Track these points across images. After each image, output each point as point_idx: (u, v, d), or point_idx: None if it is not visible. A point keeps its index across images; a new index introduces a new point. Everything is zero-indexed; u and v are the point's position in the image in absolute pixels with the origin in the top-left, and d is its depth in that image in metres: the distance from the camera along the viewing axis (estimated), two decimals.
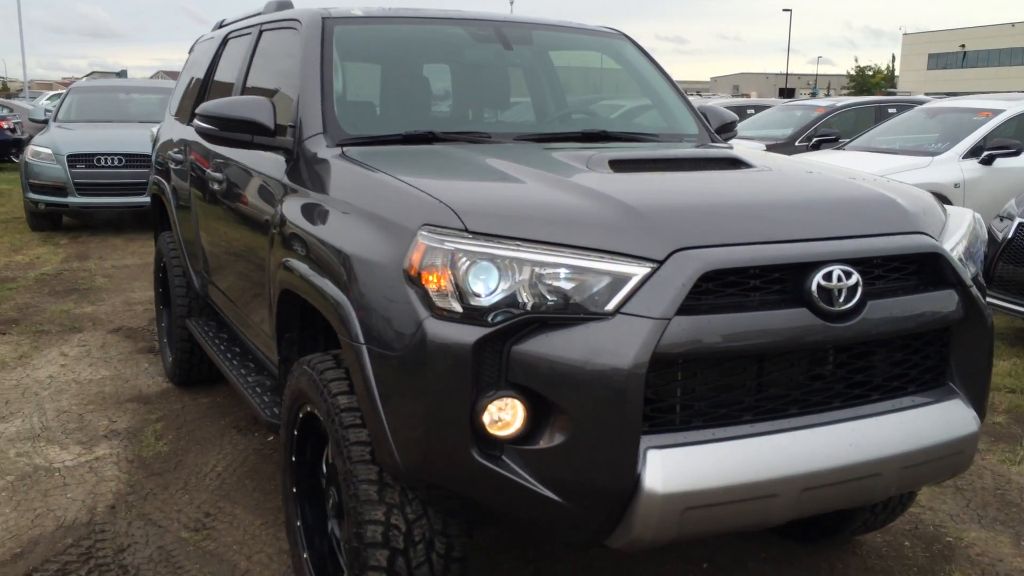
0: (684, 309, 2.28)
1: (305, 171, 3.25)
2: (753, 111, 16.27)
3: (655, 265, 2.30)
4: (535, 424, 2.31)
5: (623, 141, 3.70)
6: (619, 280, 2.28)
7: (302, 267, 2.94)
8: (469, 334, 2.26)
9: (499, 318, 2.27)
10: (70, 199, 11.19)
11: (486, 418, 2.28)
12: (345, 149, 3.22)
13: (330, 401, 2.68)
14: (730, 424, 2.41)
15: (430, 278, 2.31)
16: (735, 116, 4.36)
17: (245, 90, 4.33)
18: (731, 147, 3.88)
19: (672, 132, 4.07)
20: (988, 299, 2.86)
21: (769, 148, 12.03)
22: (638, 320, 2.24)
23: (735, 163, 3.11)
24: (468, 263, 2.28)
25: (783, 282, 2.44)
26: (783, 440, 2.41)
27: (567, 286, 2.29)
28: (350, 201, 2.85)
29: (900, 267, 2.63)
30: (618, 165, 2.89)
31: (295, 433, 3.07)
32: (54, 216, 11.76)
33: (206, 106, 3.44)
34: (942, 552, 3.66)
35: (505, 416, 2.30)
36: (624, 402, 2.22)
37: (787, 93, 57.88)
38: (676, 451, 2.30)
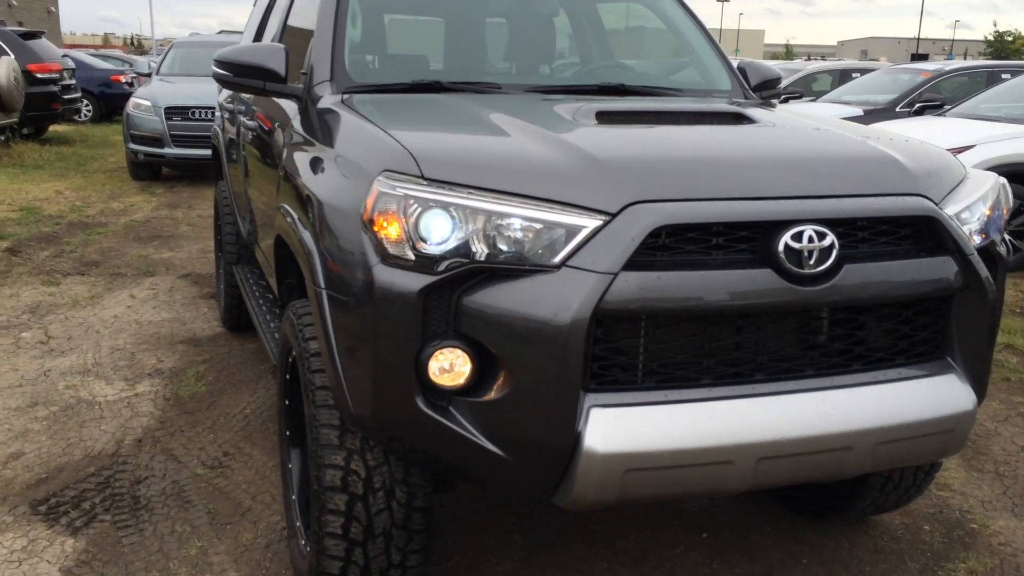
0: (635, 265, 2.20)
1: (308, 118, 3.26)
2: (858, 74, 15.56)
3: (608, 218, 2.22)
4: (482, 376, 2.28)
5: (641, 95, 3.57)
6: (569, 232, 2.22)
7: (292, 213, 2.96)
8: (416, 282, 2.24)
9: (447, 267, 2.23)
10: (166, 150, 11.62)
11: (432, 368, 2.26)
12: (347, 96, 3.22)
13: (302, 346, 2.71)
14: (686, 387, 2.32)
15: (383, 224, 2.29)
16: (777, 73, 4.15)
17: (282, 39, 4.37)
18: (763, 103, 3.71)
19: (701, 88, 3.92)
20: None
21: (867, 114, 11.49)
22: (583, 274, 2.18)
23: (737, 118, 2.97)
24: (419, 210, 2.25)
25: (751, 241, 2.32)
26: (741, 406, 2.31)
27: (518, 237, 2.23)
28: (333, 147, 2.85)
29: (890, 231, 2.47)
30: (605, 117, 2.80)
31: (287, 377, 3.12)
32: (153, 166, 12.24)
33: (221, 53, 3.48)
34: (962, 539, 3.47)
35: (452, 367, 2.28)
36: (563, 357, 2.17)
37: (919, 59, 55.11)
38: (621, 411, 2.24)
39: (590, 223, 2.22)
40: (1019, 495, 3.83)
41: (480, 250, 2.23)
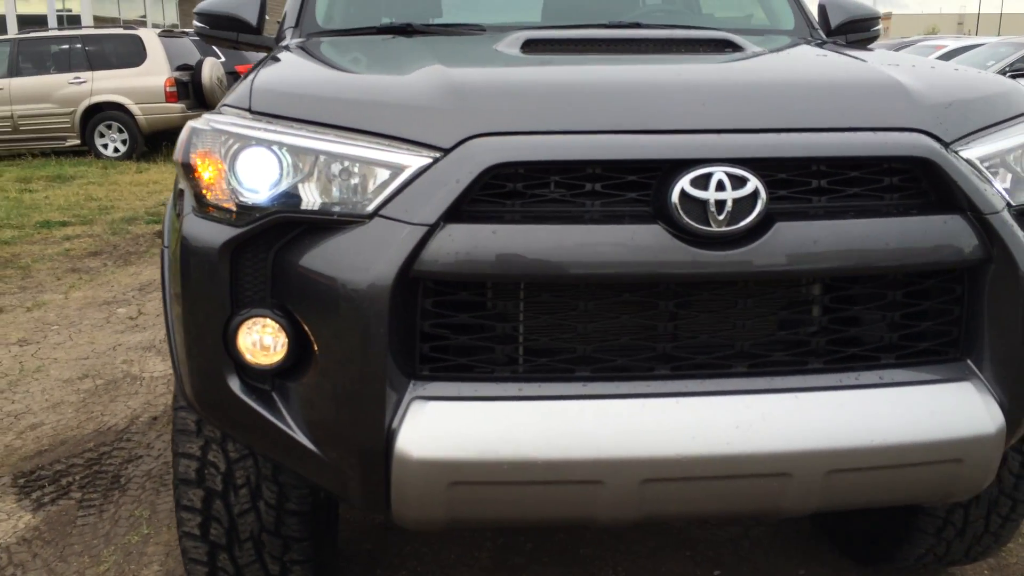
0: (468, 216, 1.68)
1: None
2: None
3: (439, 155, 1.72)
4: (302, 354, 1.84)
5: (659, 28, 2.94)
6: (392, 173, 1.74)
7: None
8: (219, 235, 1.84)
9: (256, 219, 1.82)
10: None
11: (243, 342, 1.86)
12: (302, 41, 2.86)
13: None
14: (553, 380, 1.77)
15: (197, 166, 1.90)
16: (870, 12, 3.37)
17: None
18: (825, 43, 2.99)
19: (751, 27, 3.22)
20: None
21: None
22: (394, 225, 1.69)
23: (721, 46, 2.32)
24: (235, 147, 1.84)
25: (643, 189, 1.73)
26: (621, 409, 1.73)
27: (336, 180, 1.79)
28: None
29: (865, 179, 1.79)
30: (534, 46, 2.26)
31: None
32: None
33: (201, 5, 3.24)
34: None
35: (267, 341, 1.86)
36: (365, 333, 1.69)
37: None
38: (451, 406, 1.73)
39: (415, 162, 1.72)
40: None
41: (303, 197, 1.80)
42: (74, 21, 27.74)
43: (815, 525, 2.99)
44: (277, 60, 2.34)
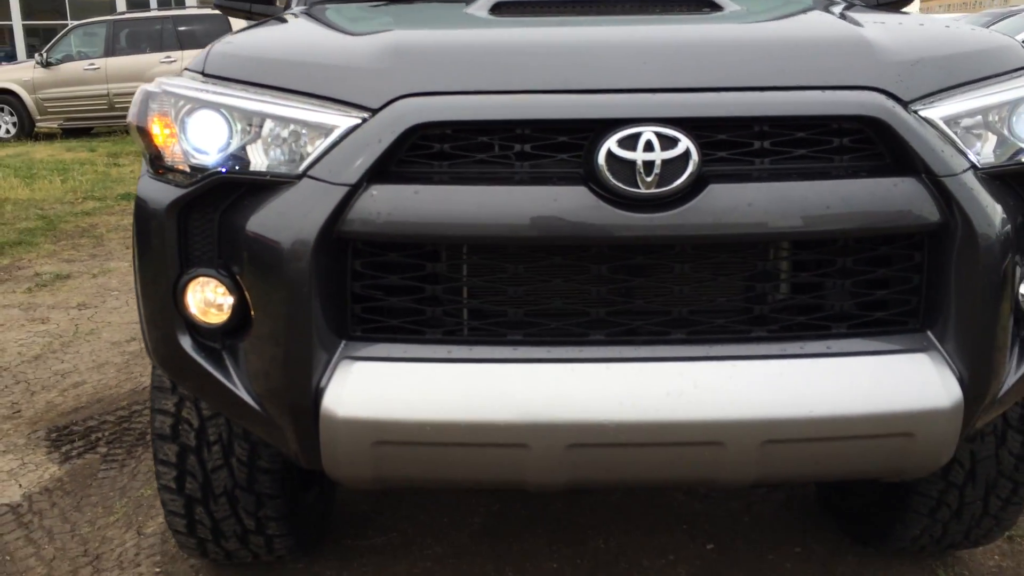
0: (393, 176, 1.68)
1: None
2: None
3: (368, 115, 1.72)
4: (244, 313, 1.88)
5: None
6: (323, 134, 1.75)
7: None
8: (168, 195, 1.88)
9: (199, 179, 1.85)
10: None
11: (191, 300, 1.90)
12: (308, 8, 2.88)
13: None
14: (484, 343, 1.76)
15: (151, 128, 1.95)
16: None
17: None
18: (847, 3, 2.85)
19: None
20: None
21: None
22: (319, 185, 1.70)
23: (699, 5, 2.24)
24: (185, 109, 1.88)
25: (574, 150, 1.69)
26: (550, 373, 1.70)
27: (274, 141, 1.81)
28: None
29: (815, 139, 1.71)
30: (503, 9, 2.23)
31: None
32: None
33: None
34: None
35: (214, 300, 1.90)
36: (291, 291, 1.71)
37: None
38: (378, 367, 1.74)
39: (345, 122, 1.73)
40: None
41: (244, 159, 1.82)
42: (180, 1, 28.60)
43: (820, 502, 2.90)
44: (255, 27, 2.37)
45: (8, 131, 14.79)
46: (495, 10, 2.20)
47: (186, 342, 1.92)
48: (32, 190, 9.21)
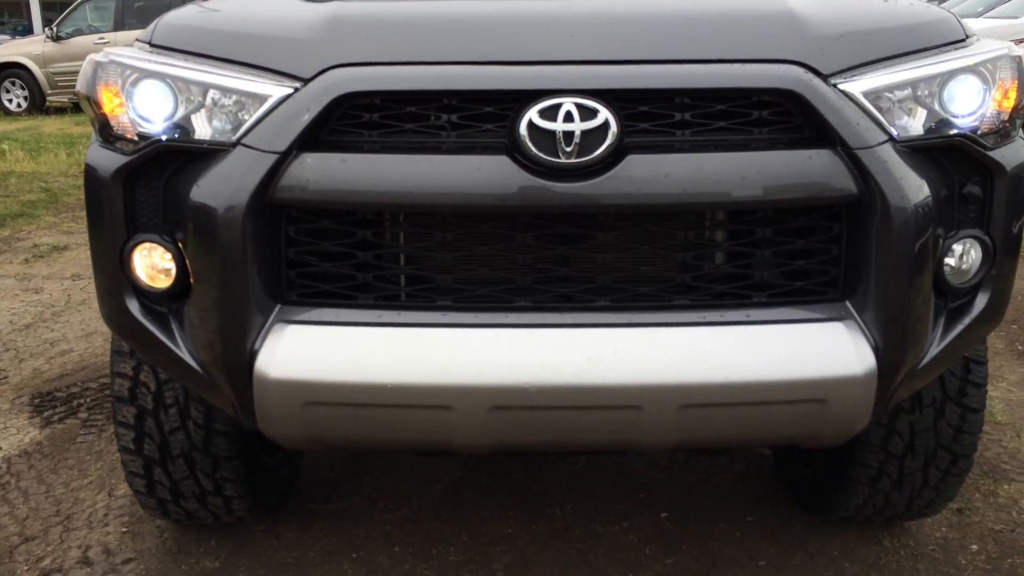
0: (325, 145, 1.74)
1: None
2: None
3: (300, 85, 1.77)
4: (187, 277, 1.94)
5: None
6: (258, 103, 1.80)
7: None
8: (113, 162, 1.94)
9: (143, 147, 1.91)
10: None
11: (137, 265, 1.96)
12: None
13: None
14: (414, 309, 1.81)
15: (99, 97, 2.00)
16: None
17: None
18: None
19: None
20: None
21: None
22: (251, 153, 1.76)
23: None
24: (131, 79, 1.93)
25: (500, 120, 1.74)
26: (473, 338, 1.76)
27: (212, 110, 1.86)
28: None
29: (734, 111, 1.75)
30: None
31: None
32: None
33: None
34: (1017, 571, 2.51)
35: (159, 265, 1.96)
36: (225, 256, 1.77)
37: None
38: (309, 330, 1.80)
39: (278, 91, 1.78)
40: None
41: (184, 127, 1.88)
42: None
43: (778, 474, 2.95)
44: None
45: (19, 105, 14.90)
46: None
47: (134, 306, 1.98)
48: (38, 163, 9.30)
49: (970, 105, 1.86)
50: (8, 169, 9.00)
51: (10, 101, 14.97)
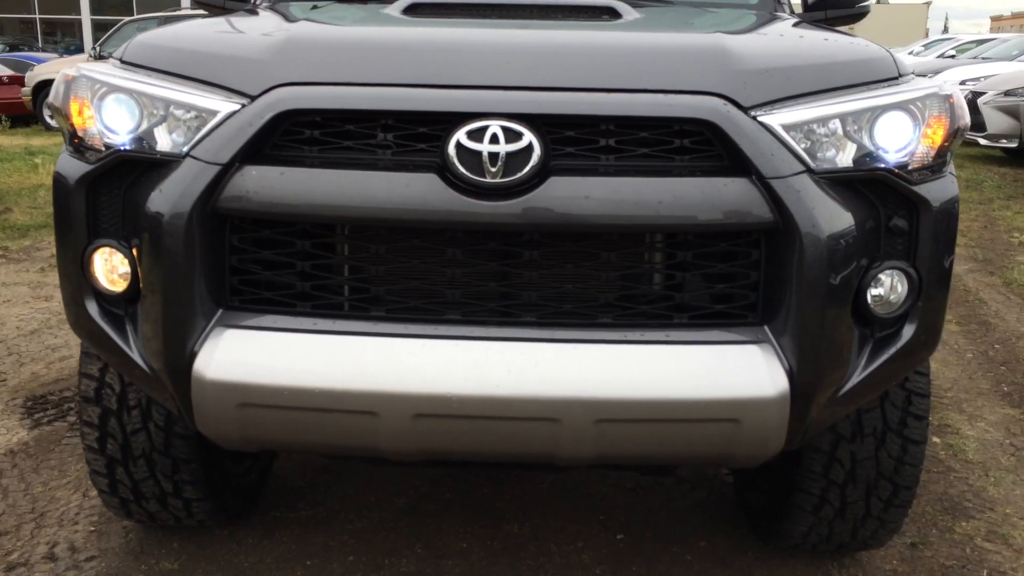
0: (268, 159, 1.84)
1: None
2: None
3: (247, 102, 1.87)
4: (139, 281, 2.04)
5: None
6: (207, 117, 1.90)
7: None
8: (77, 170, 2.05)
9: (103, 158, 2.02)
10: None
11: (96, 268, 2.07)
12: (269, 5, 3.05)
13: None
14: (348, 318, 1.90)
15: (70, 109, 2.12)
16: None
17: None
18: (776, 19, 2.94)
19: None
20: None
21: None
22: (197, 164, 1.86)
23: (600, 13, 2.36)
24: (99, 93, 2.05)
25: (431, 140, 1.83)
26: (400, 348, 1.84)
27: (168, 124, 1.97)
28: None
29: (657, 139, 1.82)
30: (417, 10, 2.37)
31: None
32: None
33: None
34: None
35: (116, 269, 2.06)
36: (170, 262, 1.87)
37: None
38: (246, 335, 1.89)
39: (227, 107, 1.88)
40: None
41: (145, 139, 1.99)
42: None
43: (737, 500, 2.98)
44: (194, 18, 2.54)
45: None
46: (408, 11, 2.34)
47: (92, 308, 2.08)
48: None
49: (898, 141, 1.92)
50: (39, 182, 9.27)
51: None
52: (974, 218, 8.05)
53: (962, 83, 13.50)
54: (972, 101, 11.55)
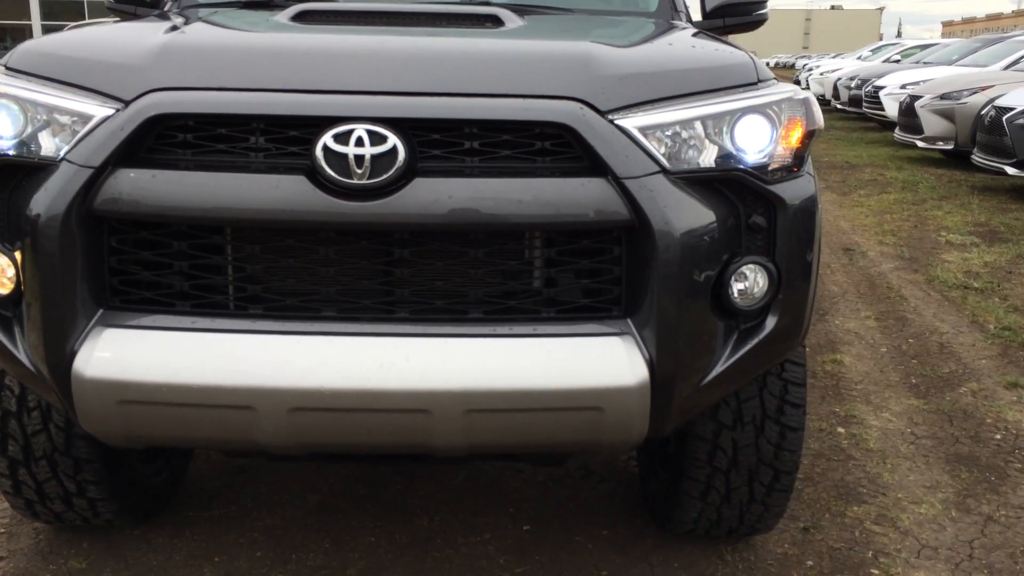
0: (142, 162, 1.90)
1: None
2: None
3: (121, 107, 1.93)
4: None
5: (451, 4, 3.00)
6: (83, 122, 1.96)
7: None
8: None
9: None
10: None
11: None
12: (175, 11, 3.10)
13: None
14: (226, 316, 1.96)
15: None
16: None
17: None
18: (673, 27, 3.04)
19: (614, 8, 3.30)
20: None
21: None
22: (71, 168, 1.92)
23: (483, 20, 2.45)
24: None
25: (301, 143, 1.89)
26: (273, 344, 1.90)
27: (47, 129, 2.01)
28: None
29: (518, 142, 1.90)
30: (305, 17, 2.43)
31: None
32: None
33: None
34: None
35: (5, 271, 2.10)
36: (45, 264, 1.93)
37: None
38: (124, 333, 1.94)
39: (102, 112, 1.94)
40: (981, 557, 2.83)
41: (25, 143, 2.03)
42: None
43: (642, 490, 3.08)
44: (84, 27, 2.59)
45: None
46: (296, 18, 2.41)
47: None
48: None
49: (757, 143, 2.02)
50: None
51: None
52: (906, 218, 8.26)
53: (902, 87, 13.78)
54: (910, 104, 11.81)
